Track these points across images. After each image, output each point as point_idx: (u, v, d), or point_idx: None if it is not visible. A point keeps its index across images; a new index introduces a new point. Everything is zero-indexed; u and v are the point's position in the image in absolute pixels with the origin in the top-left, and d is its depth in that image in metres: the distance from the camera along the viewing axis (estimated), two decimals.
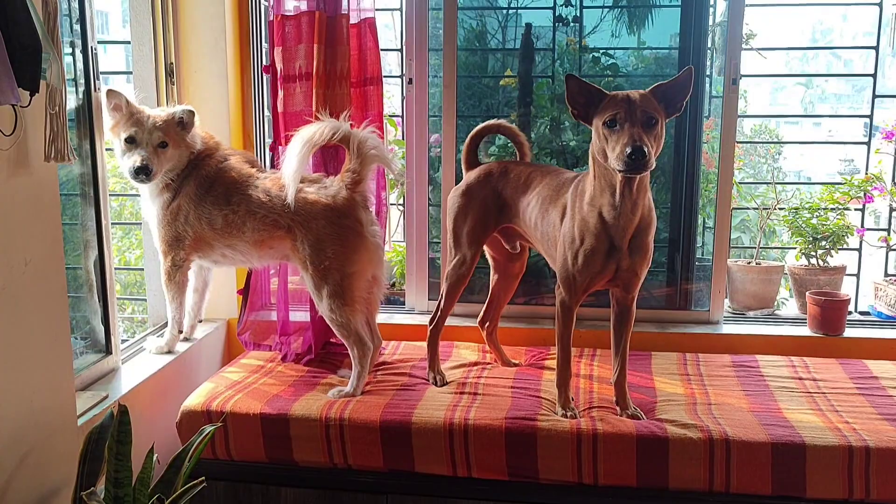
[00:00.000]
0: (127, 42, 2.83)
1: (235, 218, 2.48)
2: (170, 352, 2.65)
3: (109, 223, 2.47)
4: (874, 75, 3.19)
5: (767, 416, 2.26)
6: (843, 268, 3.21)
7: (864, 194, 3.20)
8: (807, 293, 3.02)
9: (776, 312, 3.25)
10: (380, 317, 2.80)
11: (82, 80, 2.34)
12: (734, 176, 3.06)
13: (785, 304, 3.48)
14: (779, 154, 5.19)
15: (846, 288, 3.20)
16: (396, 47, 3.39)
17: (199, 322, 2.89)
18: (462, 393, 2.45)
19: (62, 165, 1.86)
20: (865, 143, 3.30)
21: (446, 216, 2.69)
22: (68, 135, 1.74)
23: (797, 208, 3.27)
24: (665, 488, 2.14)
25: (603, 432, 2.16)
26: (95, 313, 2.43)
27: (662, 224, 3.13)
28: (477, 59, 3.40)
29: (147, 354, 2.63)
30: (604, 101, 2.10)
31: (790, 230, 3.26)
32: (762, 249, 3.34)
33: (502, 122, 2.73)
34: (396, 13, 3.38)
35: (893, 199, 3.19)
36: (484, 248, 2.71)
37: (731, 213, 3.08)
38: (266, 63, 2.98)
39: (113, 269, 2.50)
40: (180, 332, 2.69)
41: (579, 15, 3.21)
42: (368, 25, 2.76)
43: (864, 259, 3.30)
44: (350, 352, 2.50)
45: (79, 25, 2.32)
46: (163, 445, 2.40)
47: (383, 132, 2.82)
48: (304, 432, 2.27)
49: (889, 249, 3.25)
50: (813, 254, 3.20)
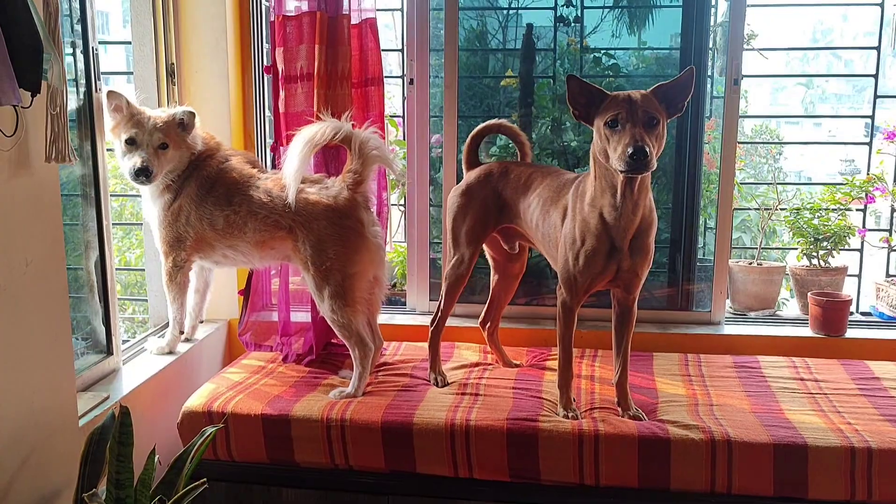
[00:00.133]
0: (128, 42, 2.83)
1: (237, 219, 2.48)
2: (171, 352, 2.64)
3: (110, 224, 2.47)
4: (875, 76, 3.19)
5: (769, 417, 2.26)
6: (845, 268, 3.21)
7: (866, 195, 3.19)
8: (808, 294, 3.02)
9: (777, 313, 3.24)
10: (381, 317, 2.80)
11: (83, 80, 2.34)
12: (735, 176, 3.05)
13: (785, 305, 3.48)
14: (780, 154, 5.18)
15: (847, 289, 3.20)
16: (397, 48, 3.39)
17: (200, 323, 2.89)
18: (463, 394, 2.44)
19: (63, 166, 1.86)
20: (867, 144, 3.30)
21: (446, 216, 2.69)
22: (69, 135, 1.74)
23: (799, 209, 3.27)
24: (667, 489, 2.14)
25: (605, 433, 2.16)
26: (96, 314, 2.43)
27: (664, 224, 3.12)
28: (478, 60, 3.39)
29: (148, 355, 2.63)
30: (605, 102, 2.10)
31: (792, 231, 3.25)
32: (762, 250, 3.34)
33: (503, 121, 2.72)
34: (397, 13, 3.38)
35: (895, 200, 3.19)
36: (484, 248, 2.71)
37: (732, 213, 3.08)
38: (267, 63, 2.98)
39: (114, 269, 2.50)
40: (181, 332, 2.69)
41: (580, 15, 3.21)
42: (369, 26, 2.76)
43: (865, 259, 3.30)
44: (351, 352, 2.49)
45: (80, 26, 2.32)
46: (164, 446, 2.40)
47: (384, 133, 2.82)
48: (306, 433, 2.27)
49: (890, 250, 3.24)
50: (814, 254, 3.20)
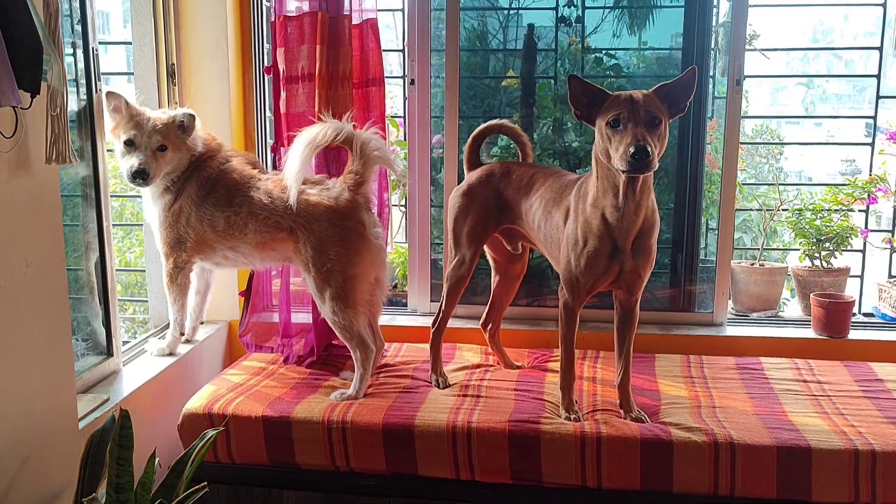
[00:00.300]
0: (128, 43, 2.82)
1: (237, 220, 2.47)
2: (171, 354, 2.64)
3: (111, 225, 2.46)
4: (878, 76, 3.17)
5: (772, 419, 2.25)
6: (847, 269, 3.19)
7: (868, 195, 3.18)
8: (811, 295, 3.01)
9: (779, 314, 3.23)
10: (382, 318, 2.79)
11: (83, 80, 2.33)
12: (737, 177, 3.04)
13: (786, 304, 3.46)
14: (780, 154, 5.17)
15: (849, 290, 3.19)
16: (398, 48, 3.38)
17: (201, 324, 2.88)
18: (465, 395, 2.43)
19: (63, 166, 1.85)
20: (869, 145, 3.28)
21: (447, 216, 2.68)
22: (69, 136, 1.73)
23: (801, 209, 3.26)
24: (669, 492, 2.13)
25: (607, 435, 2.15)
26: (96, 315, 2.42)
27: (665, 225, 3.11)
28: (479, 60, 3.38)
29: (148, 356, 2.62)
30: (607, 102, 2.09)
31: (794, 231, 3.24)
32: (763, 250, 3.33)
33: (504, 122, 2.71)
34: (398, 14, 3.37)
35: None
36: (485, 249, 2.70)
37: (734, 214, 3.06)
38: (267, 64, 2.97)
39: (114, 270, 2.49)
40: (182, 334, 2.68)
41: (581, 15, 3.20)
42: (371, 26, 2.75)
43: (867, 260, 3.29)
44: (353, 354, 2.48)
45: (80, 26, 2.31)
46: (164, 448, 2.39)
47: (385, 133, 2.81)
48: (307, 435, 2.26)
49: (893, 251, 3.23)
50: (817, 255, 3.19)
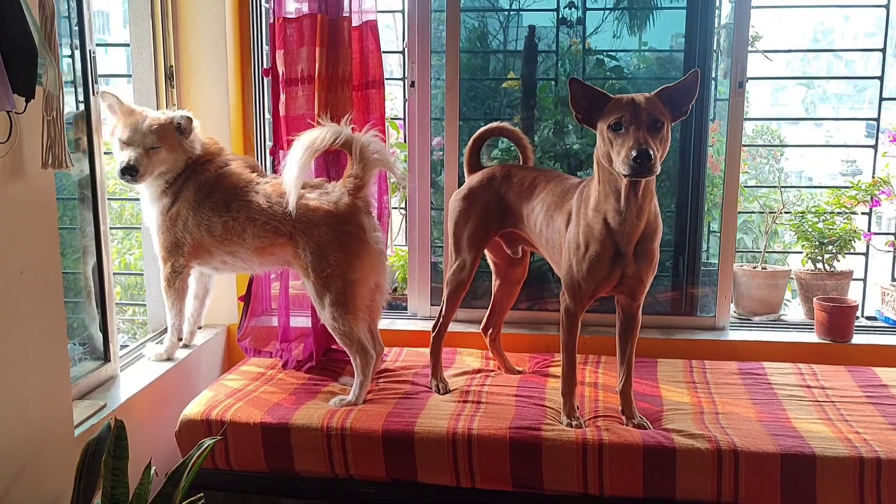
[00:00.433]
0: (127, 45, 2.80)
1: (235, 225, 2.45)
2: (169, 359, 2.61)
3: (108, 228, 2.44)
4: (881, 77, 3.15)
5: (776, 425, 2.23)
6: (850, 272, 3.17)
7: (871, 198, 3.16)
8: (814, 299, 2.98)
9: (782, 317, 3.21)
10: (381, 322, 2.77)
11: (80, 83, 2.31)
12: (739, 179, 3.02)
13: (787, 305, 3.44)
14: (781, 155, 5.16)
15: (852, 293, 3.17)
16: (398, 49, 3.36)
17: (199, 328, 2.86)
18: (465, 401, 2.41)
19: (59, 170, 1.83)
20: (872, 147, 3.26)
21: (448, 220, 2.65)
22: (66, 141, 1.71)
23: (803, 212, 3.23)
24: (672, 499, 2.10)
25: (609, 442, 2.12)
26: (94, 320, 2.40)
27: (667, 228, 3.09)
28: (479, 62, 3.36)
29: (146, 361, 2.59)
30: (608, 105, 2.07)
31: (796, 234, 3.22)
32: (765, 253, 3.31)
33: (505, 124, 2.69)
34: (398, 15, 3.35)
35: None
36: (485, 253, 2.68)
37: (737, 217, 3.04)
38: (266, 66, 2.95)
39: (111, 274, 2.47)
40: (180, 339, 2.66)
41: (582, 16, 3.18)
42: (370, 28, 2.73)
43: (870, 263, 3.27)
44: (352, 360, 2.46)
45: (77, 28, 2.29)
46: (162, 454, 2.37)
47: (385, 136, 2.79)
48: (306, 442, 2.24)
49: None
50: (819, 258, 3.16)
